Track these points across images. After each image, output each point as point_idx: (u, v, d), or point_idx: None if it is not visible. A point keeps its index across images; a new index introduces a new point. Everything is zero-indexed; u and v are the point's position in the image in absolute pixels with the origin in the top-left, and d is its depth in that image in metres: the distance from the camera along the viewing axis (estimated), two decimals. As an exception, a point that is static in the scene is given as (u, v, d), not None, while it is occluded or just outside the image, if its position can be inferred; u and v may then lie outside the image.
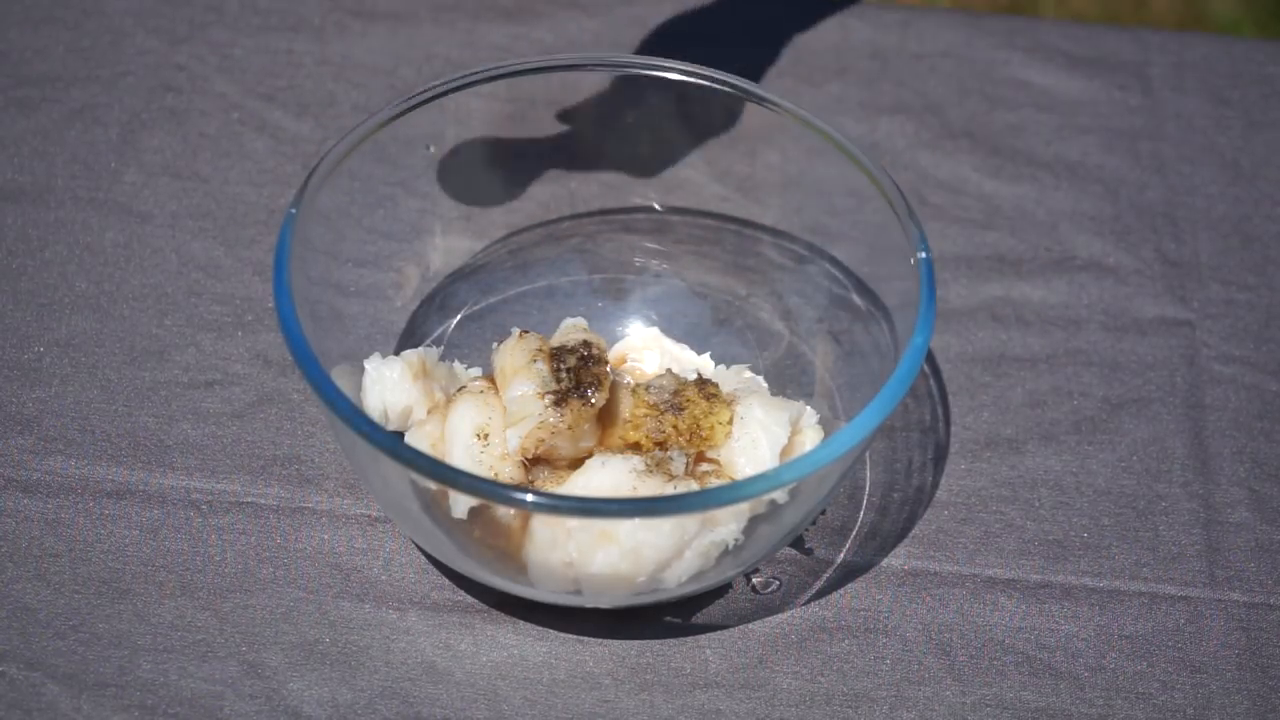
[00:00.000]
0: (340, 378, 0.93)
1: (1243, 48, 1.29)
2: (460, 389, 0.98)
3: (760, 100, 1.02)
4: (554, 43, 1.24)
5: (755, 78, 1.23)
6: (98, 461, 1.01)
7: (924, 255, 0.94)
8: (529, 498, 0.88)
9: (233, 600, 0.96)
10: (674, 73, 1.03)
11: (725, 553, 0.94)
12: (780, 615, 0.98)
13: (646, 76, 1.04)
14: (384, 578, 0.98)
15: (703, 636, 0.97)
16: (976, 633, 0.98)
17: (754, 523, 0.95)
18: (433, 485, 0.92)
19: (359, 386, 0.98)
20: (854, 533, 1.01)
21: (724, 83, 1.03)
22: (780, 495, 0.93)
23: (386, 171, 1.02)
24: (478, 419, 0.96)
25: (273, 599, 0.97)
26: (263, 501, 1.00)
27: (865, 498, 1.02)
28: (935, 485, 1.02)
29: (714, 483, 0.95)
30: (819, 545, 1.00)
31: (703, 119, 1.06)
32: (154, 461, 1.01)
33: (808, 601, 0.98)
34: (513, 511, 0.93)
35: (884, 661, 0.96)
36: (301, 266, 0.95)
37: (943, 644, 0.97)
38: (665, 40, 1.24)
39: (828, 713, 0.94)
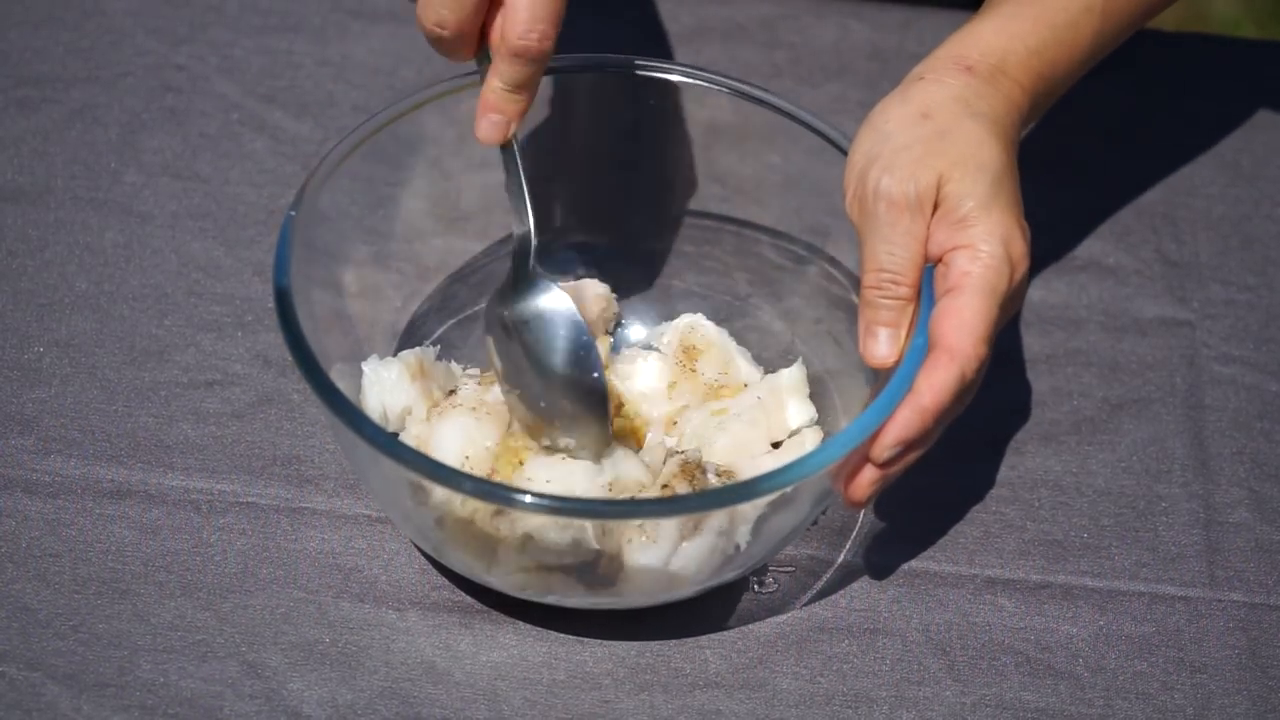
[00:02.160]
0: (339, 379, 0.93)
1: (1243, 48, 1.29)
2: (450, 393, 0.98)
3: (760, 101, 1.02)
4: (554, 43, 1.23)
5: (755, 78, 1.22)
6: (98, 461, 1.01)
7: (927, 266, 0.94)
8: (528, 499, 0.87)
9: (233, 600, 0.96)
10: (675, 74, 1.03)
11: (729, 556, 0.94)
12: (780, 615, 0.98)
13: (647, 78, 1.04)
14: (384, 578, 0.98)
15: (703, 637, 0.97)
16: (976, 633, 0.98)
17: (756, 524, 0.94)
18: (434, 487, 0.91)
19: (358, 388, 0.98)
20: (854, 533, 1.01)
21: (724, 84, 1.03)
22: (782, 496, 0.93)
23: (386, 172, 1.02)
24: (464, 447, 0.95)
25: (273, 599, 0.97)
26: (263, 501, 1.00)
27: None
28: (935, 485, 1.02)
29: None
30: (819, 545, 1.00)
31: (703, 120, 1.06)
32: (154, 461, 1.01)
33: (808, 601, 0.98)
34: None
35: (884, 661, 0.96)
36: (301, 266, 0.95)
37: (943, 644, 0.97)
38: (664, 40, 1.24)
39: (828, 713, 0.94)
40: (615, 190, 1.08)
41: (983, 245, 0.91)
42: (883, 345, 0.92)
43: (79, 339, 1.06)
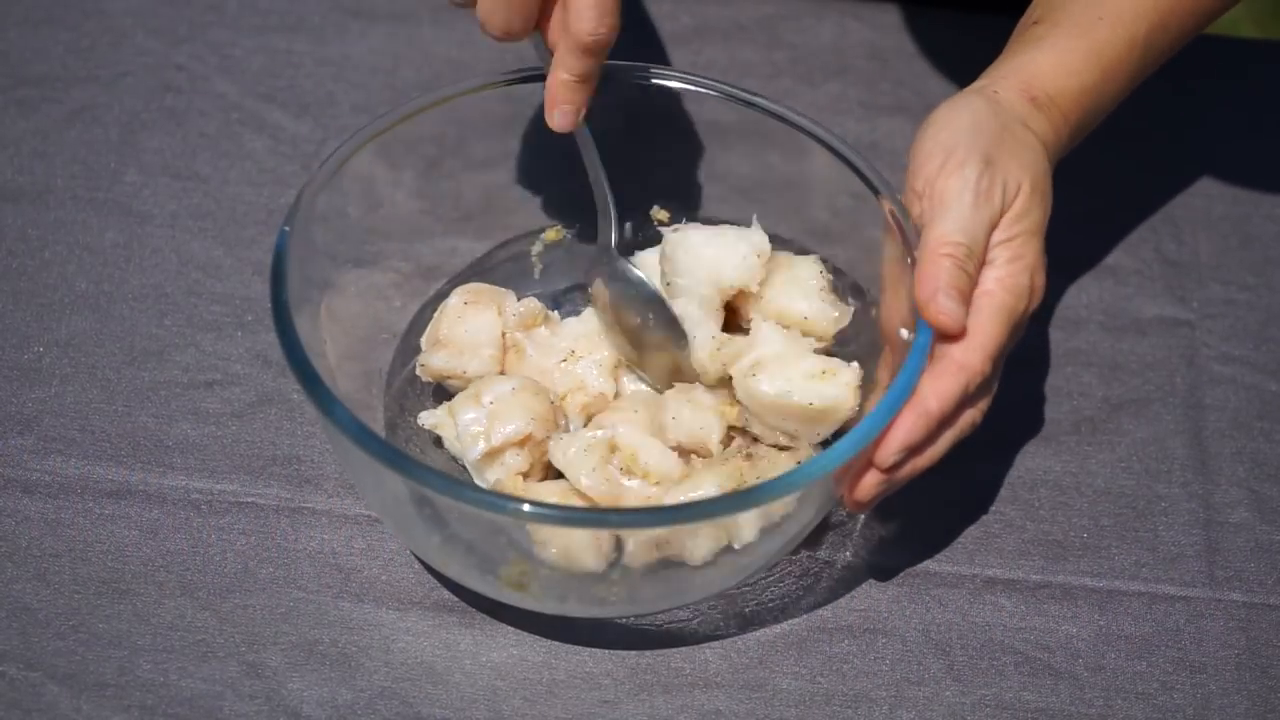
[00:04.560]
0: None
1: (1243, 48, 1.29)
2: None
3: (756, 105, 1.02)
4: (554, 43, 1.24)
5: (755, 78, 1.22)
6: (98, 461, 1.01)
7: None
8: (525, 507, 0.87)
9: (233, 600, 0.96)
10: (674, 80, 1.03)
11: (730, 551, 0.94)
12: (780, 615, 0.98)
13: (644, 83, 1.03)
14: (384, 578, 0.98)
15: (703, 637, 0.97)
16: (976, 633, 0.98)
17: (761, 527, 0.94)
18: (434, 495, 0.90)
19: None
20: (854, 533, 1.01)
21: (721, 89, 1.02)
22: (787, 501, 0.92)
23: (386, 172, 1.02)
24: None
25: (273, 599, 0.97)
26: (263, 501, 1.00)
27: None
28: (935, 485, 1.01)
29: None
30: (819, 545, 1.00)
31: (700, 123, 1.06)
32: (154, 461, 1.01)
33: (808, 602, 0.98)
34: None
35: (884, 661, 0.96)
36: (301, 267, 0.95)
37: (943, 644, 0.97)
38: (664, 40, 1.24)
39: (828, 713, 0.94)
40: (614, 193, 1.08)
41: (1013, 269, 0.92)
42: (959, 306, 0.91)
43: (79, 339, 1.06)
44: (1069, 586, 1.00)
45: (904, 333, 0.93)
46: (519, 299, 1.03)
